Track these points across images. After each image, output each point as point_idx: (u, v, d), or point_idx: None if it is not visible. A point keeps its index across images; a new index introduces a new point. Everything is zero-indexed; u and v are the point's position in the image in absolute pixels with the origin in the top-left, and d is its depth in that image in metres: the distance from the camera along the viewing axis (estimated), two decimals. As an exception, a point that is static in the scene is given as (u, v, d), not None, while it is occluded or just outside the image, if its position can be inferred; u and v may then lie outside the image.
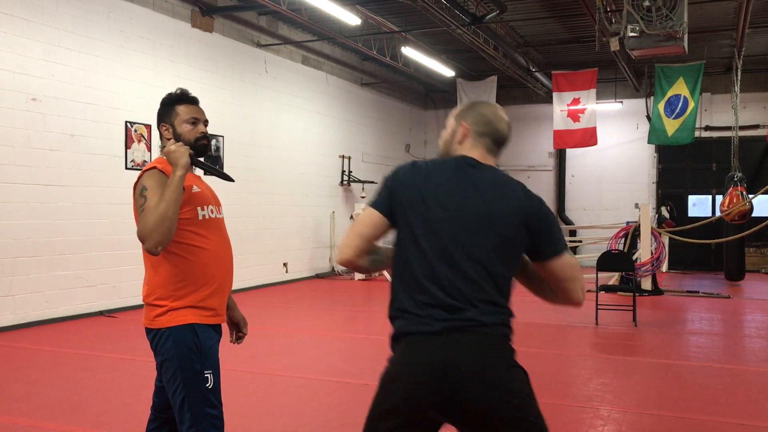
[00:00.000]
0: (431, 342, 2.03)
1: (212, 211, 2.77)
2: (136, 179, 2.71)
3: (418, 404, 2.01)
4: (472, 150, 2.21)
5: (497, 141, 2.24)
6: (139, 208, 2.58)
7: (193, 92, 2.95)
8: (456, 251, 2.05)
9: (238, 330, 3.05)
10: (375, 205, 2.16)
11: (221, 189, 11.38)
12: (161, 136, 2.85)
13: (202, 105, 2.95)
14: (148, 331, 2.70)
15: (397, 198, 2.12)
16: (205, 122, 2.86)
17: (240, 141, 11.16)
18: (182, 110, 2.82)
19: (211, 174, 2.97)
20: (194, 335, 2.64)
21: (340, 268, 13.82)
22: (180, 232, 2.62)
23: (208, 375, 2.65)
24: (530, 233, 2.10)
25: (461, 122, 2.23)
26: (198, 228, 2.70)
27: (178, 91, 2.88)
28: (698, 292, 11.38)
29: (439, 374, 1.98)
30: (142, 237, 2.52)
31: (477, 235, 2.06)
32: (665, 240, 12.22)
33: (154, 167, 2.69)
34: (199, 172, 2.92)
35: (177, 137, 2.79)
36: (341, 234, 13.56)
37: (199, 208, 2.71)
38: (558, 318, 8.81)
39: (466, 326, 2.01)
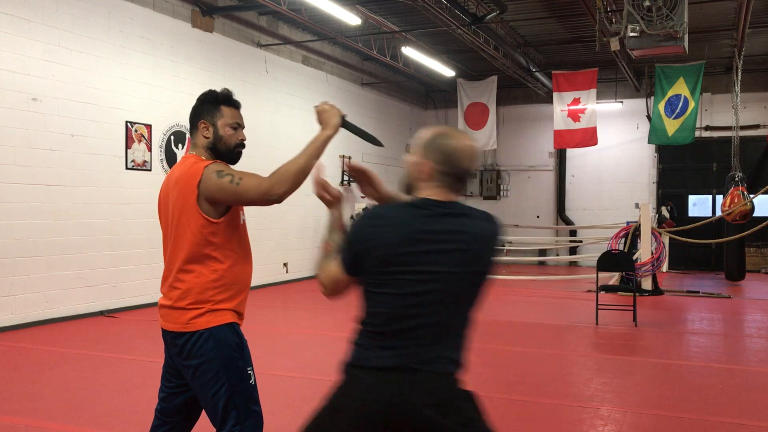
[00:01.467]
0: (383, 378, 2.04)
1: (244, 215, 2.78)
2: (194, 174, 2.59)
3: None
4: (437, 191, 2.12)
5: (461, 178, 2.17)
6: (233, 182, 2.52)
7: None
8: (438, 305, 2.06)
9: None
10: (341, 262, 2.16)
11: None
12: (195, 132, 2.76)
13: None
14: (179, 335, 2.60)
15: (365, 257, 2.07)
16: (244, 127, 2.84)
17: (240, 141, 11.16)
18: (227, 112, 2.76)
19: (362, 137, 2.79)
20: (234, 334, 2.62)
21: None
22: (225, 237, 2.61)
23: (251, 372, 2.64)
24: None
25: (425, 159, 2.11)
26: (239, 233, 2.70)
27: (225, 92, 2.81)
28: (698, 292, 11.38)
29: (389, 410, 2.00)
30: (273, 184, 2.53)
31: (464, 285, 2.11)
32: (665, 240, 12.22)
33: (213, 162, 2.64)
34: None
35: (217, 139, 2.73)
36: (341, 234, 13.54)
37: (240, 212, 2.72)
38: (558, 318, 8.81)
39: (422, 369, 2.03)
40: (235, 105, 2.81)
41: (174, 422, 2.76)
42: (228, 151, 2.76)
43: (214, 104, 2.77)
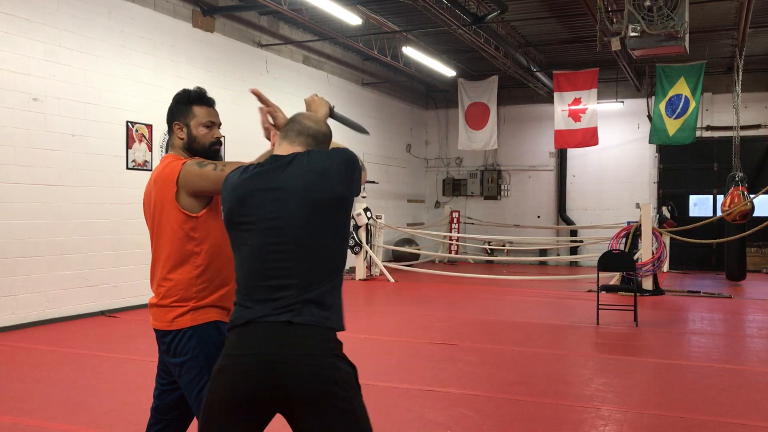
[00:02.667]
0: (258, 332, 2.12)
1: None
2: (172, 172, 2.64)
3: (246, 394, 2.08)
4: (279, 148, 2.34)
5: (299, 131, 2.33)
6: (216, 170, 2.57)
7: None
8: (279, 246, 2.17)
9: None
10: None
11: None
12: (171, 133, 2.81)
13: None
14: (165, 333, 2.64)
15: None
16: (219, 125, 2.85)
17: (241, 141, 11.15)
18: (199, 112, 2.78)
19: (350, 126, 2.88)
20: (218, 332, 2.63)
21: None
22: (205, 231, 2.63)
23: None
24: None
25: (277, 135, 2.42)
26: (220, 225, 2.71)
27: (197, 90, 2.82)
28: (699, 292, 11.37)
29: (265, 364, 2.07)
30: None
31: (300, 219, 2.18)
32: (666, 240, 12.22)
33: (187, 160, 2.68)
34: None
35: (191, 139, 2.76)
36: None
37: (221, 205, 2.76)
38: (559, 318, 8.81)
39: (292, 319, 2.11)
40: (208, 103, 2.82)
41: (168, 420, 2.78)
42: (204, 150, 2.79)
43: (185, 104, 2.79)
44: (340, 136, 2.73)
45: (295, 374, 2.04)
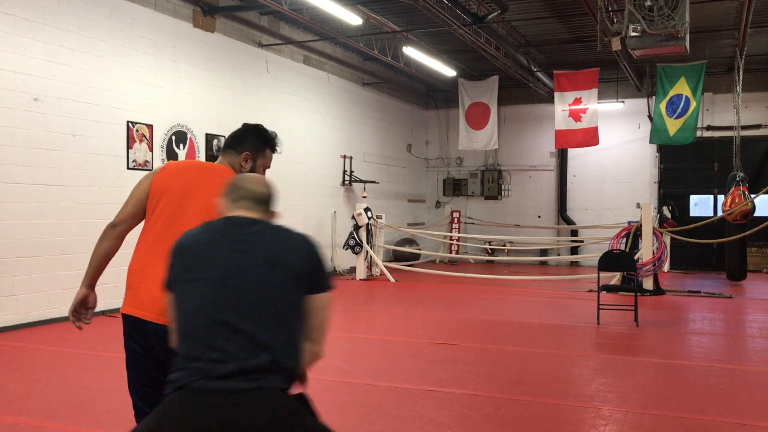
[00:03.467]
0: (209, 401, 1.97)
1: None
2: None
3: None
4: (234, 211, 2.33)
5: (253, 198, 2.33)
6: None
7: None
8: (228, 310, 2.07)
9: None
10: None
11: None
12: (235, 158, 2.93)
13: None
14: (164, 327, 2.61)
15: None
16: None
17: (241, 141, 11.16)
18: (269, 156, 2.99)
19: None
20: None
21: (341, 268, 13.84)
22: None
23: None
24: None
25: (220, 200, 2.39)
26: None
27: (274, 135, 3.01)
28: (700, 292, 11.37)
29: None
30: None
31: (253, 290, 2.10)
32: (667, 240, 12.21)
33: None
34: None
35: (251, 171, 2.92)
36: (343, 233, 13.57)
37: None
38: (560, 318, 8.81)
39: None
40: (276, 150, 3.04)
41: None
42: None
43: (264, 144, 2.97)
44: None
45: None
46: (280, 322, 2.09)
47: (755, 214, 11.83)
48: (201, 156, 10.22)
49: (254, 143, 2.94)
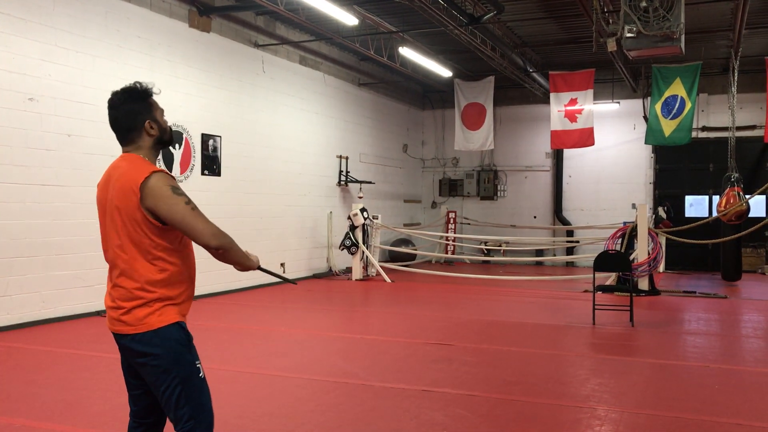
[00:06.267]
0: None
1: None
2: (136, 178, 2.61)
3: None
4: None
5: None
6: (187, 204, 2.60)
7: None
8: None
9: None
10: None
11: (218, 189, 11.33)
12: (140, 134, 2.74)
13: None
14: (130, 336, 2.65)
15: None
16: None
17: (237, 141, 11.15)
18: (155, 103, 2.80)
19: (275, 277, 3.28)
20: (180, 330, 2.69)
21: (337, 268, 13.83)
22: (174, 236, 2.67)
23: (199, 365, 2.73)
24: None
25: None
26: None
27: (141, 84, 2.79)
28: (695, 292, 11.40)
29: None
30: (213, 233, 2.59)
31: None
32: (662, 240, 12.24)
33: (161, 170, 2.67)
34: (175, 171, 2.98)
35: (162, 131, 2.79)
36: (339, 234, 13.57)
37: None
38: (555, 318, 8.83)
39: None
40: (154, 92, 2.84)
41: (149, 423, 2.89)
42: (171, 137, 2.89)
43: (144, 100, 2.76)
44: (335, 140, 2.74)
45: None
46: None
47: (750, 215, 11.87)
48: (197, 156, 10.21)
49: (141, 106, 2.74)
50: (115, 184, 2.65)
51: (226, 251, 2.66)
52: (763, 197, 15.30)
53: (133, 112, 2.74)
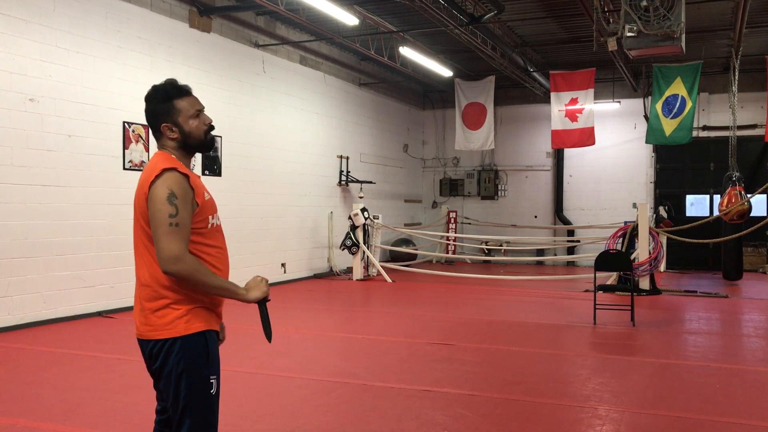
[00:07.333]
0: None
1: (217, 219, 2.72)
2: (150, 175, 2.51)
3: None
4: None
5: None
6: (170, 217, 2.43)
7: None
8: None
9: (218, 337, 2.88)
10: None
11: (218, 189, 11.35)
12: (161, 136, 2.65)
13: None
14: (152, 342, 2.60)
15: None
16: (204, 108, 2.74)
17: (238, 141, 11.15)
18: (183, 105, 2.62)
19: (262, 322, 2.90)
20: (204, 342, 2.60)
21: (338, 268, 13.83)
22: (192, 242, 2.56)
23: (213, 381, 2.63)
24: None
25: None
26: (207, 237, 2.63)
27: (171, 83, 2.65)
28: (696, 291, 11.39)
29: None
30: (173, 257, 2.41)
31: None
32: (663, 240, 12.23)
33: (174, 168, 2.52)
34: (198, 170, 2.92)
35: (186, 136, 2.63)
36: (340, 234, 13.57)
37: (210, 217, 2.65)
38: (556, 318, 8.82)
39: None
40: (187, 92, 2.67)
41: None
42: (201, 143, 2.69)
43: (165, 102, 2.61)
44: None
45: None
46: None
47: (751, 214, 11.85)
48: (197, 156, 10.21)
49: (160, 108, 2.60)
50: (138, 180, 2.62)
51: (185, 280, 2.46)
52: (764, 196, 15.28)
53: (153, 114, 2.64)
